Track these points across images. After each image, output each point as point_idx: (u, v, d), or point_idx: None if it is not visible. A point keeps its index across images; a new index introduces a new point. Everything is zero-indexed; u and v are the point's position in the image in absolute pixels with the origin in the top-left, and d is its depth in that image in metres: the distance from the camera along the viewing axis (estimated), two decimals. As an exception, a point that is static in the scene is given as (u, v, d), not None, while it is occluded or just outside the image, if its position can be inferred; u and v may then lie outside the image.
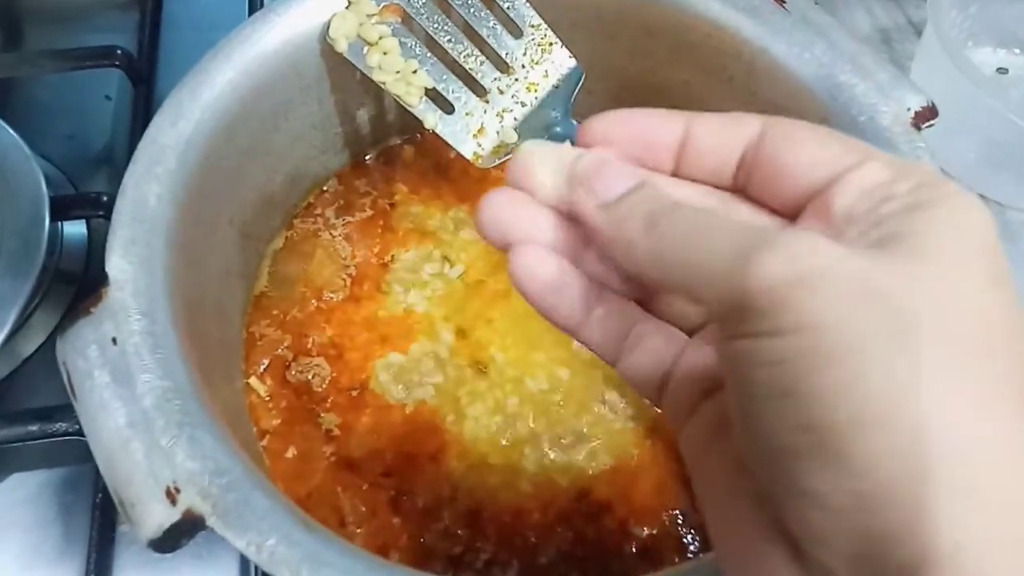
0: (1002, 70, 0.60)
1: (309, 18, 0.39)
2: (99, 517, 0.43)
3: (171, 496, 0.27)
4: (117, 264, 0.31)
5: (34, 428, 0.43)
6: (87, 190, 0.54)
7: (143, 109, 0.56)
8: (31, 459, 0.46)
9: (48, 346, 0.50)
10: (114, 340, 0.29)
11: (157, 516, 0.27)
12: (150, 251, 0.32)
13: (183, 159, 0.34)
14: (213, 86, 0.36)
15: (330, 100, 0.42)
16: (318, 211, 0.45)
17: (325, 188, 0.46)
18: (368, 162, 0.47)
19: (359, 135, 0.46)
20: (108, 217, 0.49)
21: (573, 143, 0.37)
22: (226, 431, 0.29)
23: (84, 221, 0.54)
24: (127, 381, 0.29)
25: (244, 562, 0.43)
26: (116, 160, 0.57)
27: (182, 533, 0.27)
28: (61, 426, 0.43)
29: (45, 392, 0.47)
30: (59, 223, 0.51)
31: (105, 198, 0.50)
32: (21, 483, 0.45)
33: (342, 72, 0.41)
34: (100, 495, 0.44)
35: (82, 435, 0.42)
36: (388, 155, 0.47)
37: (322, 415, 0.39)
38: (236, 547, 0.26)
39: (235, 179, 0.38)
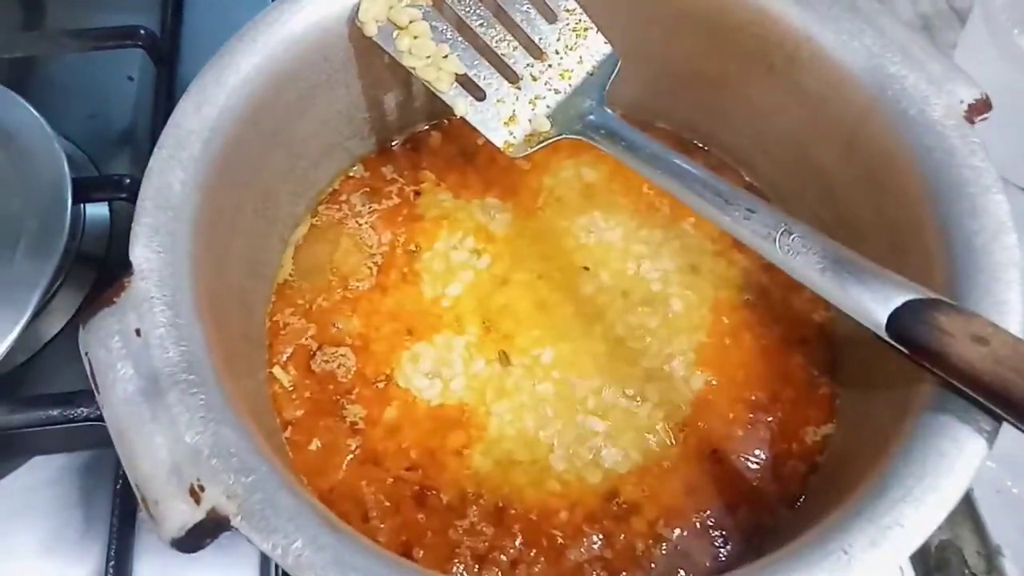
0: (1049, 59, 0.57)
1: (337, 1, 0.38)
2: (119, 503, 0.43)
3: (195, 495, 0.26)
4: (141, 253, 0.30)
5: (55, 413, 0.42)
6: (109, 171, 0.54)
7: (166, 89, 0.55)
8: (52, 443, 0.45)
9: (69, 330, 0.49)
10: (138, 331, 0.29)
11: (181, 515, 0.26)
12: (174, 239, 0.31)
13: (208, 145, 0.33)
14: (239, 70, 0.35)
15: (357, 85, 0.41)
16: (343, 198, 0.44)
17: (351, 174, 0.45)
18: (394, 148, 0.46)
19: (385, 121, 0.44)
20: (131, 200, 0.49)
21: (607, 131, 0.36)
22: (251, 426, 0.28)
23: (106, 203, 0.53)
24: (151, 374, 0.28)
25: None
26: (138, 141, 0.56)
27: (206, 533, 0.26)
28: (82, 411, 0.42)
29: (67, 375, 0.47)
30: (81, 205, 0.51)
31: (128, 180, 0.49)
32: (42, 466, 0.45)
33: (370, 57, 0.40)
34: (121, 481, 0.43)
35: (103, 421, 0.42)
36: (415, 141, 0.46)
37: (347, 407, 0.38)
38: (261, 549, 0.25)
39: (260, 165, 0.37)
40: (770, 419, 0.39)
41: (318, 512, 0.27)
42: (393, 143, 0.46)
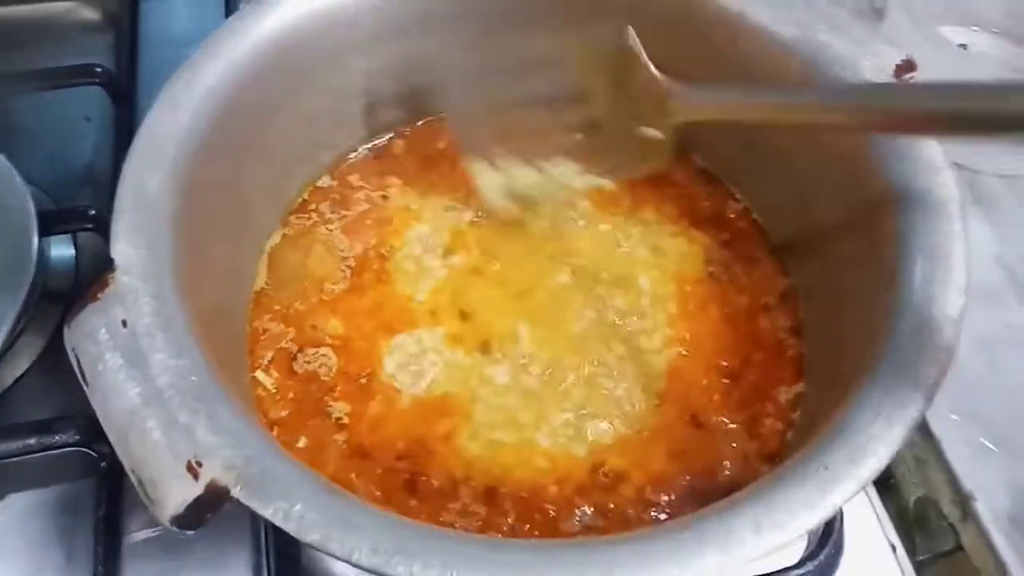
0: (962, 46, 0.62)
1: (297, 11, 0.39)
2: (104, 530, 0.42)
3: (193, 471, 0.26)
4: (123, 250, 0.31)
5: (32, 441, 0.42)
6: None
7: (126, 126, 0.56)
8: (27, 478, 0.44)
9: (37, 368, 0.48)
10: (124, 323, 0.29)
11: (180, 492, 0.26)
12: (155, 238, 0.32)
13: (181, 148, 0.34)
14: (205, 79, 0.36)
15: (320, 95, 0.43)
16: (312, 207, 0.45)
17: (319, 184, 0.46)
18: (359, 157, 0.47)
19: (350, 130, 0.46)
20: (97, 230, 0.49)
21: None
22: (243, 406, 0.29)
23: (71, 240, 0.53)
24: (140, 362, 0.28)
25: (256, 572, 0.42)
26: (98, 180, 0.56)
27: (206, 507, 0.26)
28: (61, 438, 0.42)
29: (38, 412, 0.46)
30: (45, 242, 0.50)
31: (93, 212, 0.49)
32: (16, 505, 0.44)
33: (331, 67, 0.41)
34: (103, 508, 0.42)
35: (83, 444, 0.42)
36: (379, 150, 0.48)
37: (331, 404, 0.39)
38: (263, 516, 0.26)
39: (232, 172, 0.38)
40: (743, 383, 0.40)
41: (317, 479, 0.27)
42: (358, 152, 0.47)
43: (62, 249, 0.52)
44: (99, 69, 0.55)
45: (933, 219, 0.33)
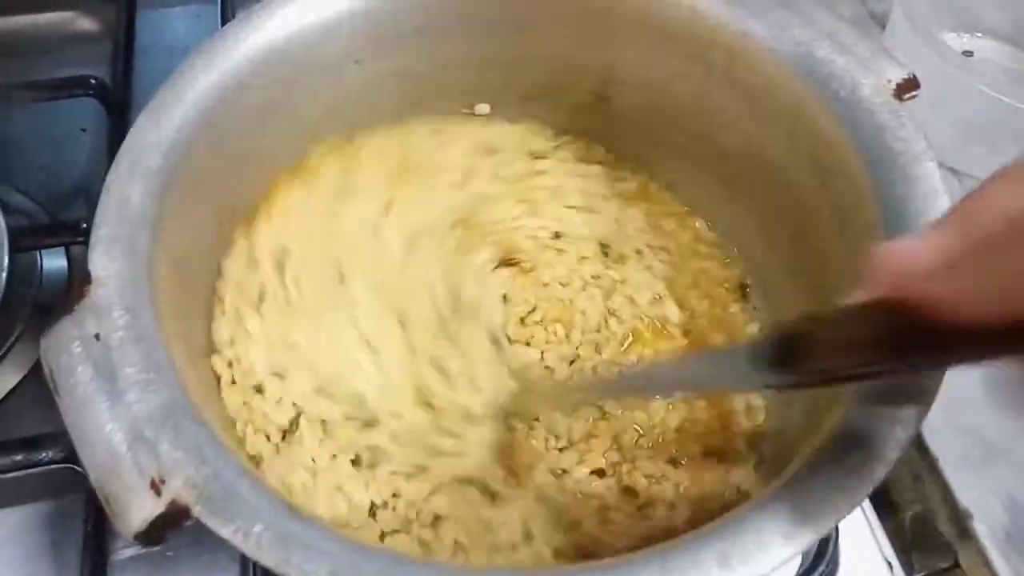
0: (967, 53, 0.61)
1: (290, 24, 0.39)
2: (91, 546, 0.41)
3: (156, 487, 0.26)
4: (99, 262, 0.31)
5: (20, 457, 0.41)
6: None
7: (121, 137, 0.54)
8: (14, 494, 0.43)
9: (26, 383, 0.47)
10: (97, 336, 0.29)
11: (142, 509, 0.26)
12: (133, 248, 0.31)
13: (167, 158, 0.34)
14: (196, 87, 0.36)
15: (311, 107, 0.42)
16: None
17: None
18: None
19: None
20: (87, 244, 0.49)
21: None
22: (212, 422, 0.28)
23: (64, 253, 0.52)
24: (110, 375, 0.28)
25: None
26: (93, 191, 0.55)
27: (167, 524, 0.26)
28: (48, 455, 0.41)
29: (28, 427, 0.44)
30: (38, 255, 0.50)
31: (84, 225, 0.48)
32: (3, 520, 0.43)
33: (323, 78, 0.41)
34: (90, 524, 0.42)
35: (69, 461, 0.41)
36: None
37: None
38: (222, 535, 0.25)
39: (220, 180, 0.38)
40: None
41: (279, 500, 0.27)
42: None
43: (55, 261, 0.52)
44: (94, 80, 0.54)
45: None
